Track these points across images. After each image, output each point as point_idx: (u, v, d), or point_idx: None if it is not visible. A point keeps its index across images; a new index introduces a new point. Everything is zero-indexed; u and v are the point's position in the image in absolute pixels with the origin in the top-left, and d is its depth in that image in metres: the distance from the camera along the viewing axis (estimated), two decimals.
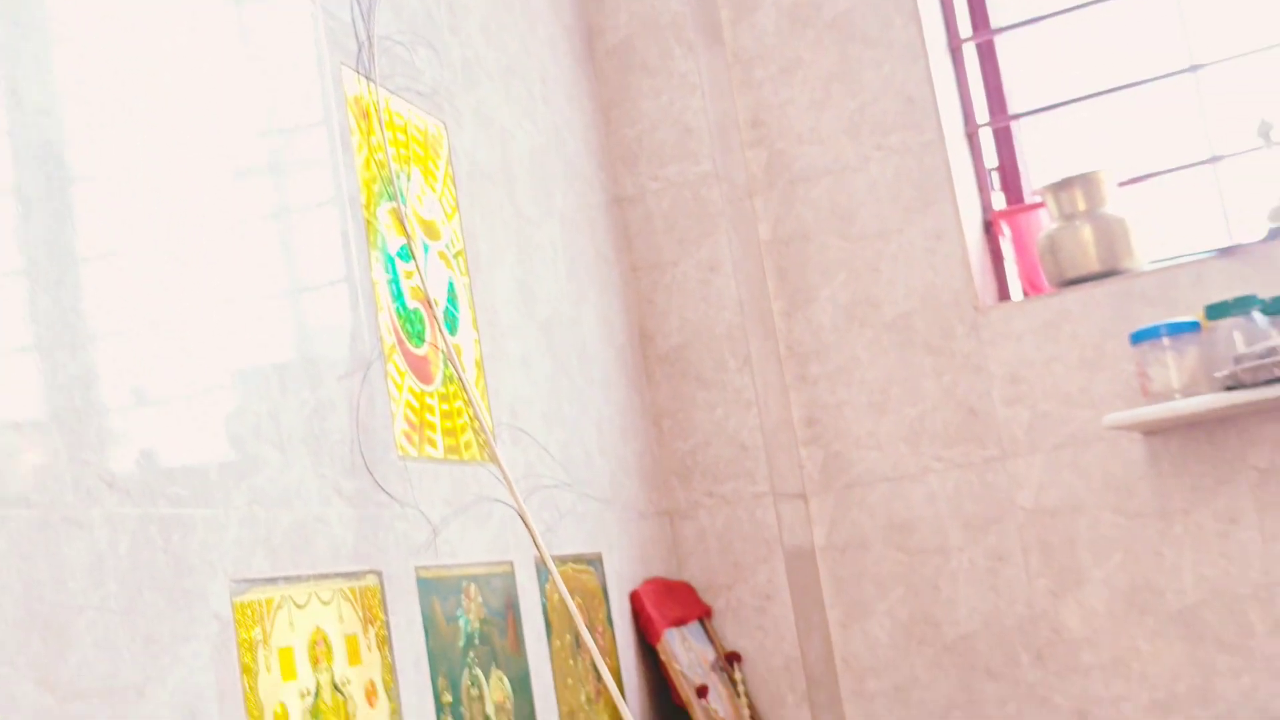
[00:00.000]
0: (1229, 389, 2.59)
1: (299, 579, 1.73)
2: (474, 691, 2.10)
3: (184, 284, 1.64)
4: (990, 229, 3.24)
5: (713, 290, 3.12)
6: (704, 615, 3.01)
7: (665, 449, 3.13)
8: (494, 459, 2.18)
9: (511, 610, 2.28)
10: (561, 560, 2.46)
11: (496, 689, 2.17)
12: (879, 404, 3.16)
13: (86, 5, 1.58)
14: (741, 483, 3.08)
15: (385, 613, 1.91)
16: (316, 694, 1.71)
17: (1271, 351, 2.54)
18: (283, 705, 1.64)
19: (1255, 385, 2.54)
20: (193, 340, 1.64)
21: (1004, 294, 3.22)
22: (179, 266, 1.64)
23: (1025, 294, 3.21)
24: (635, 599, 2.78)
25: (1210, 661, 2.86)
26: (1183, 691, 2.87)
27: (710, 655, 2.95)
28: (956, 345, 3.09)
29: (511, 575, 2.30)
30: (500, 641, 2.22)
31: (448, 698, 2.02)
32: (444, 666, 2.03)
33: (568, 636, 2.46)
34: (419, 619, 1.99)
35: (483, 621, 2.17)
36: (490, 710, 2.13)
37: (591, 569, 2.63)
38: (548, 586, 2.41)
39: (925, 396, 3.12)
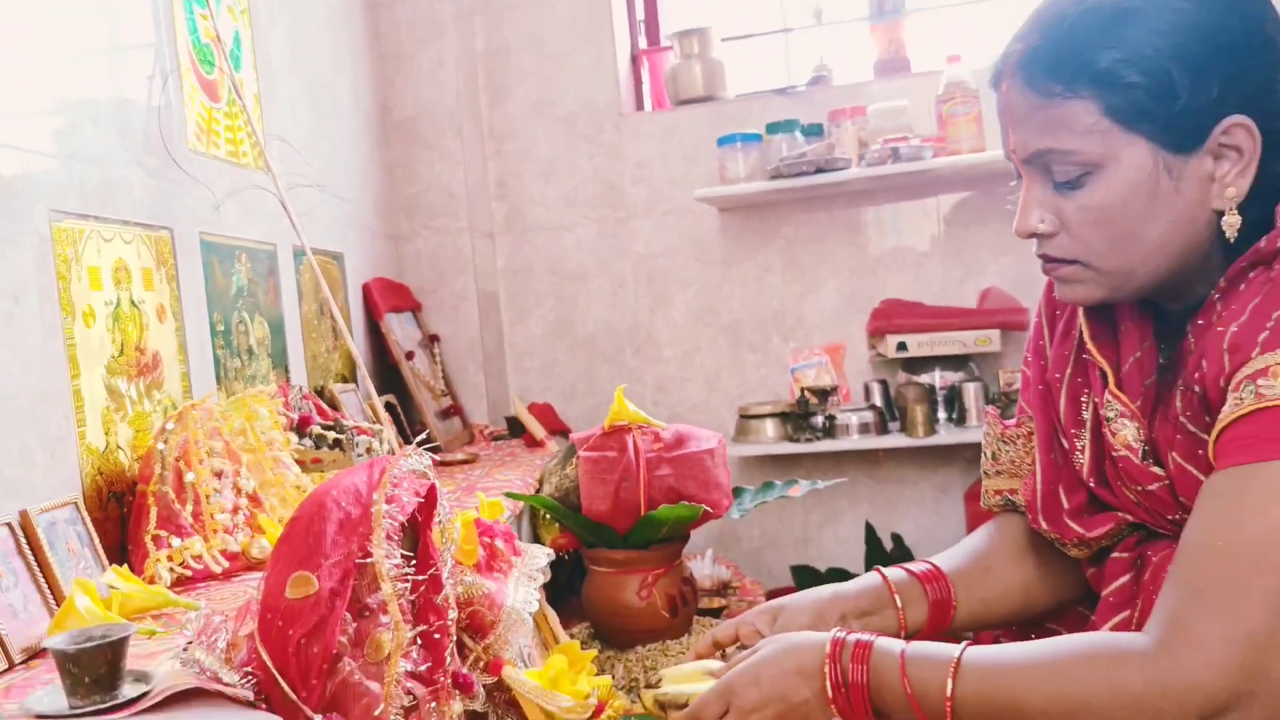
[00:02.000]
0: (774, 178, 2.75)
1: (106, 220, 1.63)
2: (241, 327, 2.05)
3: (8, 12, 1.47)
4: (635, 60, 3.26)
5: (439, 80, 3.03)
6: (416, 308, 3.01)
7: (395, 192, 3.06)
8: (266, 164, 2.08)
9: (273, 278, 2.21)
10: (313, 250, 2.39)
11: (259, 328, 2.12)
12: (548, 174, 3.18)
13: None
14: (448, 220, 3.06)
15: (175, 260, 1.82)
16: (117, 304, 1.63)
17: (802, 155, 2.71)
18: (90, 306, 1.55)
19: (790, 176, 2.71)
20: (19, 51, 1.47)
21: (639, 106, 3.27)
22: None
23: (654, 108, 3.27)
24: (366, 289, 2.75)
25: (743, 358, 3.11)
26: (724, 376, 3.12)
27: (419, 335, 2.97)
28: (605, 139, 3.14)
29: (274, 253, 2.23)
30: (263, 297, 2.16)
31: (221, 327, 1.96)
32: (219, 306, 1.97)
33: (314, 305, 2.42)
34: (200, 269, 1.91)
35: (250, 281, 2.10)
36: (253, 342, 2.09)
37: (335, 263, 2.58)
38: (301, 267, 2.35)
39: (580, 173, 3.16)
